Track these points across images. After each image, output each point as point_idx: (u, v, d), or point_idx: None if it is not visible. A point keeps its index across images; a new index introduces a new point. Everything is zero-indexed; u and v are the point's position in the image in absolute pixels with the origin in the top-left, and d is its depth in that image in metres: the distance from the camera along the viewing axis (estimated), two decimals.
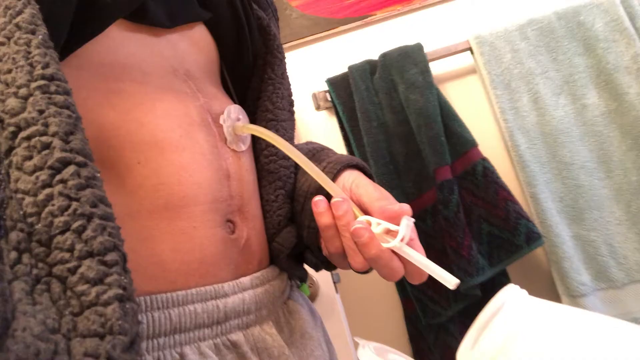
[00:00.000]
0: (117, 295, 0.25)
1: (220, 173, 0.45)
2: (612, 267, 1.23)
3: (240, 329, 0.43)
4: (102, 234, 0.26)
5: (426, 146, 1.32)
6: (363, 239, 0.42)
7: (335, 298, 1.28)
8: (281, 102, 0.55)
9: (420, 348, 1.36)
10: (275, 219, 0.50)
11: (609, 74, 1.29)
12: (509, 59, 1.37)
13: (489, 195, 1.29)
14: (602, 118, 1.29)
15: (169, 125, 0.41)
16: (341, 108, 1.46)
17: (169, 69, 0.45)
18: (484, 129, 1.44)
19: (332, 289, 1.29)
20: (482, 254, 1.29)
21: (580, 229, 1.27)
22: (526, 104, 1.34)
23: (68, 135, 0.26)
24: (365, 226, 0.43)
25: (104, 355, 0.24)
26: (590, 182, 1.27)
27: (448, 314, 1.29)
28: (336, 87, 1.47)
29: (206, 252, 0.41)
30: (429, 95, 1.34)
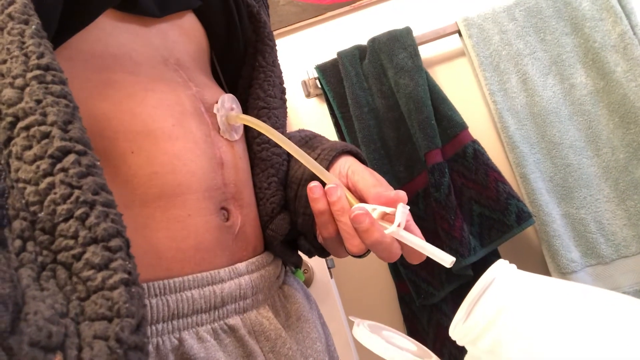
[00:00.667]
0: (122, 279, 0.26)
1: (214, 161, 0.45)
2: (601, 244, 1.25)
3: (237, 313, 0.44)
4: (105, 221, 0.26)
5: (417, 130, 1.32)
6: (364, 224, 0.43)
7: (330, 283, 1.30)
8: (273, 89, 0.55)
9: (415, 328, 1.38)
10: (269, 206, 0.51)
11: (596, 53, 1.30)
12: (497, 41, 1.38)
13: (480, 177, 1.30)
14: (589, 97, 1.31)
15: (162, 114, 0.41)
16: (331, 94, 1.46)
17: (160, 58, 0.45)
18: (473, 111, 1.45)
19: (327, 274, 1.30)
20: (474, 235, 1.30)
21: (570, 207, 1.29)
22: (515, 85, 1.35)
23: (67, 124, 0.27)
24: (365, 212, 0.43)
25: (113, 337, 0.25)
26: (579, 160, 1.29)
27: (441, 295, 1.31)
28: (326, 74, 1.47)
29: (201, 240, 0.42)
30: (418, 79, 1.34)
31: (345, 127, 1.44)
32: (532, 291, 0.36)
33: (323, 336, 0.55)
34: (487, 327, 0.35)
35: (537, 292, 0.36)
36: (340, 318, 1.28)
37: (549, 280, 0.37)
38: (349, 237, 0.45)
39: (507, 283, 0.36)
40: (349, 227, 0.45)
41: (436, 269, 1.33)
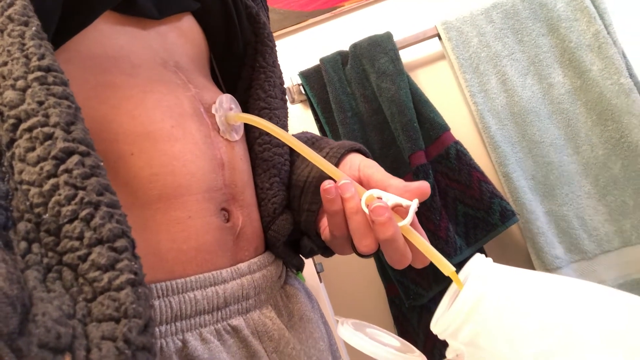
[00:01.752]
0: (129, 280, 0.26)
1: (214, 162, 0.45)
2: (584, 239, 1.28)
3: (240, 314, 0.44)
4: (111, 221, 0.26)
5: (400, 133, 1.34)
6: (382, 217, 0.41)
7: (319, 288, 1.30)
8: (273, 90, 0.54)
9: (405, 330, 1.39)
10: (271, 207, 0.50)
11: (572, 52, 1.33)
12: (476, 43, 1.40)
13: (463, 177, 1.32)
14: (567, 96, 1.34)
15: (160, 116, 0.41)
16: (315, 100, 1.47)
17: (159, 60, 0.45)
18: (455, 112, 1.47)
19: (316, 279, 1.30)
20: (459, 235, 1.32)
21: (553, 205, 1.31)
22: (495, 86, 1.38)
23: (69, 125, 0.27)
24: (385, 205, 0.41)
25: (121, 338, 0.24)
26: (559, 158, 1.32)
27: (430, 295, 1.32)
28: (309, 80, 1.47)
29: (202, 241, 0.41)
30: (400, 82, 1.36)
31: (330, 132, 1.45)
32: (508, 282, 0.36)
33: (326, 335, 0.55)
34: (466, 319, 0.35)
35: (513, 283, 0.36)
36: (330, 322, 1.28)
37: (525, 272, 0.37)
38: (361, 236, 0.44)
39: (483, 276, 0.36)
40: (362, 225, 0.43)
41: (424, 270, 1.34)
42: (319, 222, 0.51)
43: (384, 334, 0.46)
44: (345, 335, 0.42)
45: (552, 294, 0.34)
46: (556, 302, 0.33)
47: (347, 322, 0.44)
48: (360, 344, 0.41)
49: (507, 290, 0.35)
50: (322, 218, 0.51)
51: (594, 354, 0.30)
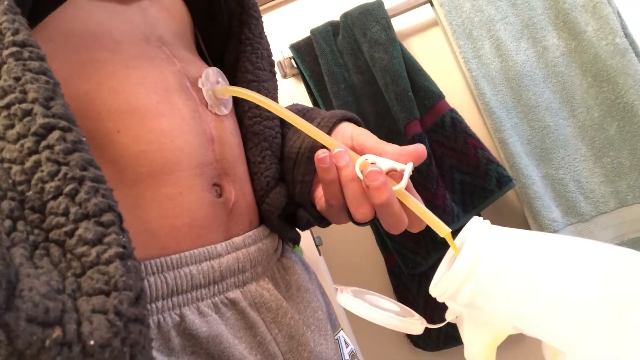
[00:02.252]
0: (117, 253, 0.26)
1: (203, 137, 0.44)
2: (580, 202, 1.28)
3: (237, 286, 0.44)
4: (96, 196, 0.26)
5: (394, 103, 1.33)
6: (377, 182, 0.41)
7: (318, 261, 1.30)
8: (261, 62, 0.54)
9: (406, 298, 1.40)
10: (263, 180, 0.50)
11: (567, 14, 1.31)
12: (468, 8, 1.38)
13: (459, 144, 1.32)
14: (562, 58, 1.32)
15: (145, 92, 0.40)
16: (307, 73, 1.45)
17: (141, 36, 0.44)
18: (449, 80, 1.46)
19: (315, 252, 1.30)
20: (456, 202, 1.32)
21: (549, 169, 1.31)
22: (489, 51, 1.36)
23: (48, 100, 0.26)
24: (379, 169, 0.41)
25: (112, 310, 0.25)
26: (555, 122, 1.31)
27: (429, 263, 1.33)
28: (301, 53, 1.46)
29: (195, 216, 0.41)
30: (392, 51, 1.34)
31: (324, 104, 1.44)
32: (505, 242, 0.36)
33: (324, 305, 0.56)
34: (464, 280, 0.35)
35: (510, 243, 0.36)
36: (330, 295, 1.29)
37: (521, 232, 0.37)
38: (357, 204, 0.44)
39: (480, 237, 0.36)
40: (358, 193, 0.43)
41: (422, 238, 1.34)
42: (314, 192, 0.51)
43: (383, 300, 0.46)
44: (345, 302, 0.42)
45: (549, 252, 0.34)
46: (553, 260, 0.34)
47: (347, 289, 0.44)
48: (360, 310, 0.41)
49: (504, 250, 0.35)
50: (317, 188, 0.51)
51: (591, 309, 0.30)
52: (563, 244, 0.35)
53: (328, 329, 0.53)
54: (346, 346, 0.55)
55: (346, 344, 0.55)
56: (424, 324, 0.43)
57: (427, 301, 1.35)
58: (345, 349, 0.54)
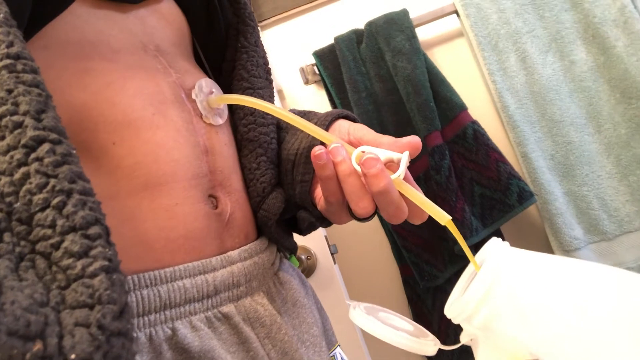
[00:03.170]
0: (103, 266, 0.26)
1: (198, 149, 0.44)
2: (603, 220, 1.25)
3: (231, 301, 0.44)
4: (83, 209, 0.26)
5: (416, 113, 1.32)
6: (374, 169, 0.41)
7: (333, 269, 1.30)
8: (256, 70, 0.54)
9: (420, 311, 1.38)
10: (259, 186, 0.50)
11: (596, 28, 1.28)
12: (495, 20, 1.36)
13: (480, 157, 1.30)
14: (590, 73, 1.29)
15: (141, 103, 0.41)
16: (329, 80, 1.45)
17: (139, 45, 0.44)
18: (473, 91, 1.44)
19: (330, 260, 1.30)
20: (475, 216, 1.30)
21: (572, 185, 1.28)
22: (514, 64, 1.34)
23: (40, 113, 0.26)
24: (376, 157, 0.41)
25: (95, 324, 0.25)
26: (580, 138, 1.28)
27: (444, 276, 1.31)
28: (323, 60, 1.46)
29: (190, 228, 0.41)
30: (416, 61, 1.33)
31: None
32: (523, 267, 0.36)
33: (320, 321, 0.55)
34: (480, 303, 0.35)
35: (528, 267, 0.36)
36: (345, 304, 1.28)
37: (540, 255, 0.37)
38: (357, 198, 0.43)
39: (498, 260, 0.36)
40: (357, 187, 0.43)
41: (439, 250, 1.33)
42: (314, 192, 0.51)
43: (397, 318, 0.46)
44: (357, 319, 0.42)
45: (568, 279, 0.34)
46: (572, 287, 0.33)
47: (360, 306, 0.44)
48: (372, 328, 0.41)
49: (522, 274, 0.35)
50: (317, 188, 0.51)
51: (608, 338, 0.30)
52: (582, 270, 0.35)
53: (323, 346, 0.52)
54: None
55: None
56: (437, 345, 0.42)
57: (442, 314, 1.33)
58: None
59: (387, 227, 1.41)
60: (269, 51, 1.56)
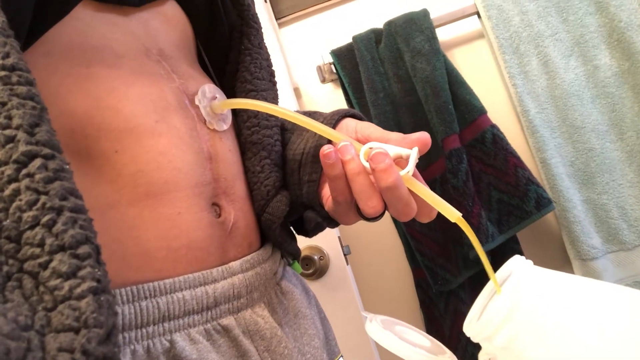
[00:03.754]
0: (91, 288, 0.25)
1: (201, 156, 0.44)
2: (623, 230, 1.21)
3: (231, 313, 0.43)
4: (73, 227, 0.26)
5: (434, 115, 1.30)
6: (383, 164, 0.40)
7: (346, 270, 1.29)
8: (260, 72, 0.53)
9: (432, 315, 1.37)
10: (263, 189, 0.49)
11: (622, 33, 1.24)
12: (517, 22, 1.33)
13: (499, 162, 1.27)
14: (614, 79, 1.25)
15: (144, 110, 0.40)
16: (347, 80, 1.44)
17: (142, 49, 0.44)
18: (492, 94, 1.41)
19: (343, 260, 1.29)
20: (492, 221, 1.28)
21: (591, 193, 1.25)
22: (535, 67, 1.31)
23: (33, 127, 0.26)
24: (385, 152, 0.41)
25: (79, 349, 0.24)
26: (601, 145, 1.25)
27: (458, 281, 1.30)
28: (341, 59, 1.44)
29: (193, 238, 0.41)
30: (435, 62, 1.31)
31: (361, 113, 1.42)
32: (547, 288, 0.35)
33: (322, 332, 0.54)
34: (502, 324, 0.34)
35: (552, 288, 0.35)
36: (356, 305, 1.27)
37: (565, 277, 0.36)
38: (366, 197, 0.43)
39: (521, 279, 0.36)
40: (366, 186, 0.42)
41: (453, 255, 1.31)
42: (321, 191, 0.50)
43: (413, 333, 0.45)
44: (374, 333, 0.41)
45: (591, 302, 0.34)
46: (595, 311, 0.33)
47: (376, 318, 0.43)
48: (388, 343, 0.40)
49: (545, 296, 0.35)
50: (324, 187, 0.50)
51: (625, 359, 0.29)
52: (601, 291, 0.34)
53: (324, 358, 0.51)
54: None
55: None
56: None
57: (455, 319, 1.32)
58: None
59: (401, 229, 1.40)
60: (287, 48, 1.55)
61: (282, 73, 1.39)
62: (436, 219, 0.46)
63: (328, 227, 0.55)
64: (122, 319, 0.35)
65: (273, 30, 1.47)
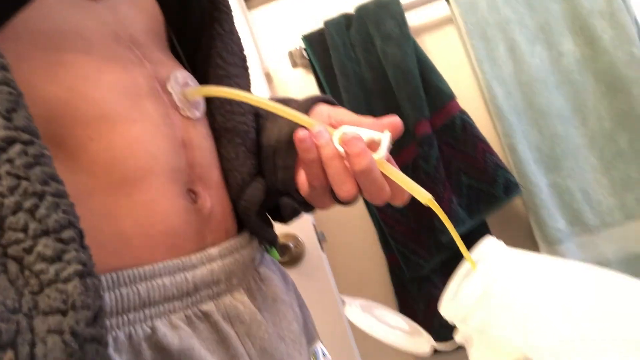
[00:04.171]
0: (77, 271, 0.25)
1: (175, 142, 0.44)
2: (586, 213, 1.26)
3: (211, 298, 0.43)
4: (56, 212, 0.26)
5: (405, 101, 1.31)
6: (357, 148, 0.41)
7: (321, 257, 1.30)
8: (232, 57, 0.53)
9: (406, 300, 1.40)
10: (239, 176, 0.50)
11: (584, 20, 1.28)
12: (484, 7, 1.35)
13: (468, 148, 1.30)
14: (577, 65, 1.29)
15: (116, 97, 0.40)
16: (318, 65, 1.44)
17: (112, 35, 0.43)
18: (461, 80, 1.44)
19: (318, 247, 1.30)
20: (462, 206, 1.31)
21: (557, 177, 1.29)
22: (503, 53, 1.33)
23: (10, 112, 0.26)
24: (358, 136, 0.42)
25: (68, 330, 0.24)
26: (566, 130, 1.28)
27: (430, 266, 1.32)
28: (312, 44, 1.44)
29: (169, 224, 0.41)
30: (406, 47, 1.32)
31: (333, 98, 1.42)
32: (520, 268, 0.36)
33: (300, 317, 0.55)
34: (476, 305, 0.35)
35: (525, 269, 0.36)
36: (332, 291, 1.29)
37: (538, 257, 0.37)
38: (341, 182, 0.43)
39: (494, 260, 0.36)
40: (341, 170, 0.43)
41: (425, 240, 1.33)
42: (297, 177, 0.51)
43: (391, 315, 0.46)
44: (353, 317, 0.42)
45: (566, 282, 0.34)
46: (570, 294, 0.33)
47: (355, 303, 0.44)
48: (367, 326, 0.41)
49: (516, 277, 0.35)
50: (300, 173, 0.50)
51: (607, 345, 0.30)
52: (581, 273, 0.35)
53: (303, 342, 0.52)
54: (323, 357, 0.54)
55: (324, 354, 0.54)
56: (431, 343, 0.42)
57: (428, 303, 1.35)
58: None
59: (374, 216, 1.42)
60: (257, 33, 1.54)
61: (253, 58, 1.38)
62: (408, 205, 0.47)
63: (304, 212, 0.55)
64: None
65: (242, 14, 1.46)
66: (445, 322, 0.74)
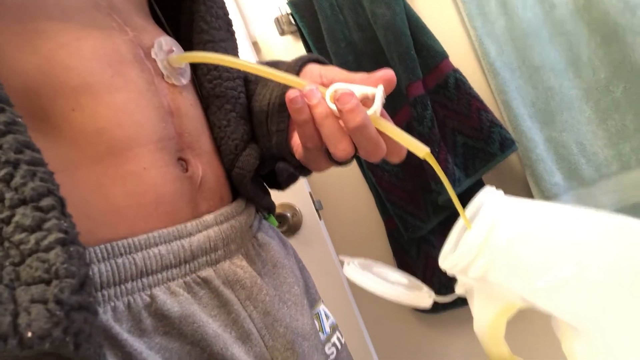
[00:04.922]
0: (58, 239, 0.25)
1: (162, 110, 0.43)
2: (582, 165, 1.25)
3: (209, 265, 0.43)
4: (33, 180, 0.25)
5: (397, 62, 1.29)
6: (350, 104, 0.40)
7: (319, 225, 1.30)
8: (216, 21, 0.52)
9: (405, 262, 1.40)
10: (231, 143, 0.49)
11: None
12: None
13: (462, 106, 1.28)
14: (570, 16, 1.26)
15: (98, 65, 0.39)
16: (306, 30, 1.41)
17: (90, 2, 0.41)
18: (452, 37, 1.41)
19: (315, 216, 1.30)
20: (458, 166, 1.30)
21: (552, 131, 1.28)
22: (494, 8, 1.31)
23: None
24: (350, 92, 0.41)
25: (52, 299, 0.24)
26: (560, 83, 1.27)
27: (428, 227, 1.33)
28: (299, 9, 1.41)
29: (161, 192, 0.40)
30: (395, 7, 1.29)
31: None
32: (519, 215, 0.36)
33: (301, 280, 0.55)
34: (476, 254, 0.35)
35: (524, 215, 0.36)
36: (331, 259, 1.29)
37: (535, 203, 0.37)
38: (336, 141, 0.43)
39: (494, 209, 0.36)
40: (335, 129, 0.42)
41: (422, 202, 1.33)
42: (291, 140, 0.50)
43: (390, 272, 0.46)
44: (353, 275, 0.42)
45: (563, 226, 0.34)
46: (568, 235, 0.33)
47: (354, 261, 0.44)
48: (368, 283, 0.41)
49: (518, 223, 0.35)
50: (294, 136, 0.50)
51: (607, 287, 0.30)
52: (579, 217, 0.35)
53: (305, 304, 0.52)
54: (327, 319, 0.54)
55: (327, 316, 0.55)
56: (432, 297, 0.43)
57: (427, 264, 1.35)
58: (326, 321, 0.54)
59: (371, 181, 1.41)
60: (242, 1, 1.50)
61: (239, 27, 1.36)
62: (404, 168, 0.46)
63: (300, 175, 0.55)
64: (99, 277, 0.34)
65: None
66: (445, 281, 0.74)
